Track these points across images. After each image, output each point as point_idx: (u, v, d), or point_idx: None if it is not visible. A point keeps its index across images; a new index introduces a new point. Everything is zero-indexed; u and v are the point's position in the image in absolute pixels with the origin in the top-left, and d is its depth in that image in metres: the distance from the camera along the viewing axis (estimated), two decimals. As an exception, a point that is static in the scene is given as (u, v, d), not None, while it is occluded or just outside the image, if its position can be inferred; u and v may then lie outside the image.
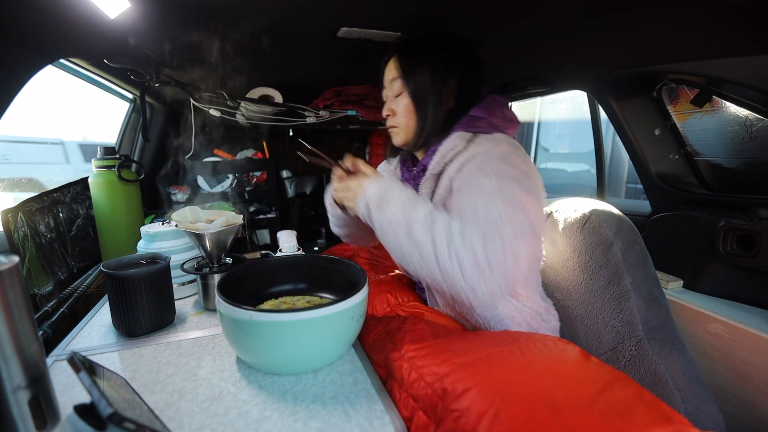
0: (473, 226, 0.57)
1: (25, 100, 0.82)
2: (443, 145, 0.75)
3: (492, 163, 0.65)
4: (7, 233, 0.81)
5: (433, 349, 0.56)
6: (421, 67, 0.76)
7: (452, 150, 0.73)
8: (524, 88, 1.40)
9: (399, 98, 0.80)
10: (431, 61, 0.76)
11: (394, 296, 0.83)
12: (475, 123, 0.75)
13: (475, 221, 0.57)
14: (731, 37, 0.75)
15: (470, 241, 0.55)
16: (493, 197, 0.59)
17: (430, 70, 0.76)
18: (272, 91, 1.44)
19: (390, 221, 0.63)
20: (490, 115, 0.77)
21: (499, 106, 0.78)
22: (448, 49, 0.77)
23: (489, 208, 0.58)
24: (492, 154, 0.68)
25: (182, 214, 0.81)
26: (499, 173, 0.63)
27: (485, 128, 0.75)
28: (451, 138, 0.75)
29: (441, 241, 0.56)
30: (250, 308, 0.54)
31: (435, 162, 0.76)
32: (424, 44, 0.79)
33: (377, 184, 0.68)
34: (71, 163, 3.29)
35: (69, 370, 0.58)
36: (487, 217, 0.57)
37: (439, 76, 0.76)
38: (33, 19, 0.72)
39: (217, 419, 0.49)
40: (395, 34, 0.99)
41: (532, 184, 0.66)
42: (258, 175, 1.68)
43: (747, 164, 0.96)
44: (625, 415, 0.42)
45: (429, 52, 0.77)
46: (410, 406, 0.52)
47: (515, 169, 0.65)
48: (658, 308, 0.80)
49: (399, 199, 0.64)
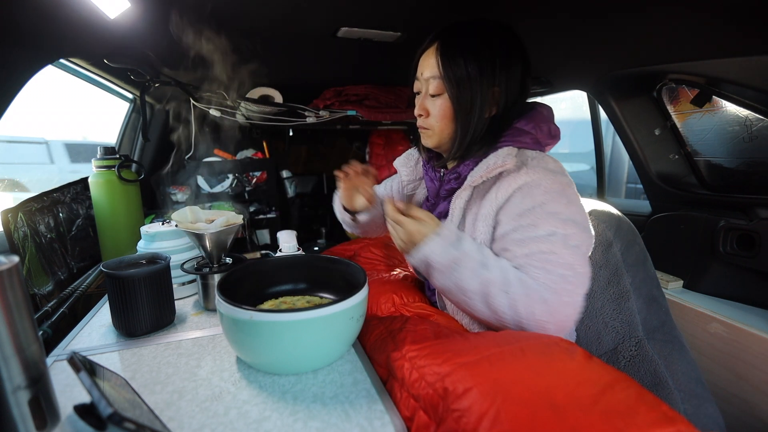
0: (550, 287, 0.60)
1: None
2: (490, 159, 0.69)
3: (552, 204, 0.64)
4: (7, 233, 0.81)
5: (435, 349, 0.56)
6: (467, 65, 0.67)
7: (500, 167, 0.68)
8: (524, 88, 1.40)
9: (436, 99, 0.72)
10: (478, 57, 0.67)
11: (399, 296, 0.82)
12: (521, 137, 0.71)
13: (549, 281, 0.60)
14: (731, 37, 0.75)
15: (551, 304, 0.60)
16: (564, 249, 0.62)
17: (478, 68, 0.67)
18: (272, 91, 1.44)
19: (459, 287, 0.63)
20: (536, 130, 0.71)
21: (546, 121, 0.73)
22: (495, 41, 0.68)
23: (557, 261, 0.61)
24: (548, 188, 0.65)
25: (182, 214, 0.81)
26: (561, 216, 0.63)
27: (531, 144, 0.71)
28: (501, 153, 0.69)
29: (521, 303, 0.60)
30: (250, 308, 0.54)
31: (478, 175, 0.69)
32: (468, 37, 0.68)
33: (441, 244, 0.63)
34: (56, 163, 3.12)
35: (69, 370, 0.58)
36: (560, 275, 0.61)
37: (488, 80, 0.68)
38: (33, 19, 0.71)
39: (217, 419, 0.49)
40: (395, 34, 0.99)
41: (585, 218, 0.67)
42: (258, 175, 1.68)
43: (747, 164, 0.96)
44: (626, 416, 0.41)
45: (476, 47, 0.68)
46: (411, 406, 0.52)
47: (571, 206, 0.65)
48: (657, 308, 0.80)
49: (469, 263, 0.62)
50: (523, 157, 0.70)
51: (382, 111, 1.59)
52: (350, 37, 1.00)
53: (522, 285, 0.61)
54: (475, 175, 0.70)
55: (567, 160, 3.43)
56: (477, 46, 0.68)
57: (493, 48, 0.68)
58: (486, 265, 0.63)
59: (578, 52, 1.04)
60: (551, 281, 0.60)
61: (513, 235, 0.65)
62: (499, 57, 0.68)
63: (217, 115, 1.30)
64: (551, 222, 0.63)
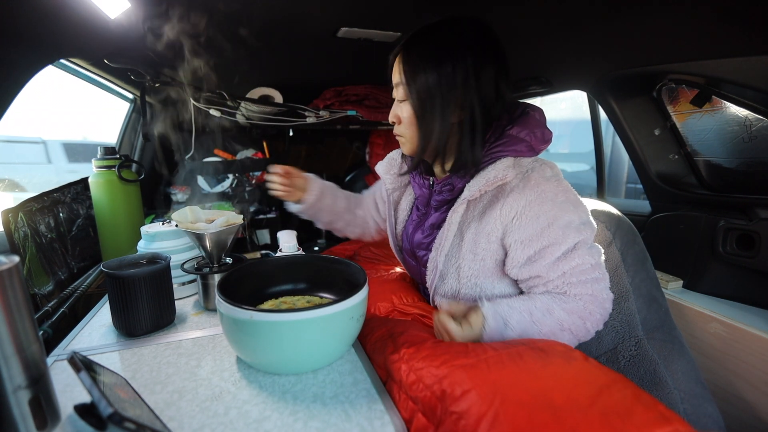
0: (590, 295, 0.66)
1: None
2: (489, 172, 0.67)
3: (565, 216, 0.65)
4: (7, 233, 0.81)
5: (432, 351, 0.56)
6: (426, 71, 0.65)
7: (501, 181, 0.66)
8: (524, 88, 1.40)
9: (403, 105, 0.70)
10: (438, 62, 0.64)
11: (398, 296, 0.82)
12: (516, 146, 0.69)
13: (587, 290, 0.66)
14: (731, 37, 0.75)
15: (597, 310, 0.66)
16: (587, 255, 0.66)
17: (437, 74, 0.64)
18: (272, 91, 1.44)
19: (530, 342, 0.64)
20: (531, 136, 0.69)
21: (539, 125, 0.71)
22: (460, 44, 0.65)
23: (586, 269, 0.66)
24: (556, 199, 0.65)
25: (182, 214, 0.81)
26: (574, 224, 0.66)
27: (525, 152, 0.69)
28: (499, 166, 0.67)
29: (578, 327, 0.65)
30: (250, 308, 0.54)
31: (476, 188, 0.67)
32: (430, 39, 0.66)
33: (495, 338, 0.63)
34: (53, 163, 3.07)
35: (69, 369, 0.58)
36: (593, 279, 0.66)
37: (448, 80, 0.64)
38: (33, 19, 0.72)
39: (217, 419, 0.49)
40: (395, 34, 0.99)
41: (587, 212, 0.70)
42: (258, 175, 1.68)
43: (747, 164, 0.96)
44: (623, 416, 0.42)
45: (436, 49, 0.65)
46: (410, 408, 0.52)
47: (578, 208, 0.67)
48: (657, 308, 0.80)
49: (525, 330, 0.64)
50: (522, 169, 0.68)
51: (382, 111, 1.59)
52: (350, 37, 1.00)
53: (569, 313, 0.65)
54: (473, 188, 0.68)
55: (567, 160, 3.43)
56: (438, 51, 0.65)
57: (457, 52, 0.64)
58: (538, 322, 0.64)
59: (578, 52, 1.04)
60: (589, 289, 0.66)
61: (541, 261, 0.66)
62: (464, 61, 0.64)
63: (217, 115, 1.30)
64: (570, 235, 0.65)
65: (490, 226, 0.68)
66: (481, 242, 0.69)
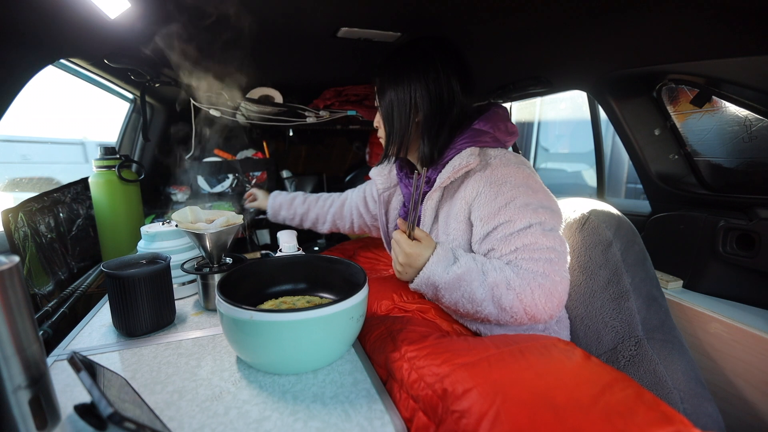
0: (541, 272, 0.67)
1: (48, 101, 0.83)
2: (455, 160, 0.76)
3: (522, 197, 0.70)
4: (7, 233, 0.81)
5: (434, 350, 0.56)
6: (389, 85, 0.80)
7: (465, 167, 0.75)
8: (524, 88, 1.40)
9: (378, 112, 0.86)
10: (397, 79, 0.79)
11: (398, 294, 0.83)
12: (480, 137, 0.78)
13: (539, 267, 0.67)
14: (731, 37, 0.75)
15: (546, 287, 0.66)
16: (542, 236, 0.68)
17: (396, 88, 0.80)
18: (272, 91, 1.44)
19: (470, 298, 0.68)
20: (494, 129, 0.79)
21: (503, 120, 0.81)
22: (416, 62, 0.79)
23: (540, 248, 0.68)
24: (515, 182, 0.72)
25: (182, 214, 0.81)
26: (531, 206, 0.70)
27: (490, 143, 0.78)
28: (464, 154, 0.76)
29: (524, 293, 0.65)
30: (250, 308, 0.54)
31: (445, 176, 0.76)
32: (394, 61, 0.82)
33: (442, 265, 0.68)
34: (90, 162, 3.31)
35: (69, 369, 0.58)
36: (546, 259, 0.67)
37: (404, 91, 0.79)
38: (33, 19, 0.72)
39: (217, 419, 0.49)
40: (395, 34, 0.99)
41: (552, 200, 0.75)
42: (258, 175, 1.68)
43: (746, 164, 0.96)
44: (625, 416, 0.42)
45: (396, 68, 0.80)
46: (410, 407, 0.52)
47: (538, 193, 0.72)
48: (657, 308, 0.80)
49: (473, 275, 0.67)
50: (486, 156, 0.77)
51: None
52: (350, 38, 1.00)
53: (519, 277, 0.66)
54: (443, 176, 0.77)
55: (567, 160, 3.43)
56: (397, 71, 0.80)
57: (411, 70, 0.79)
58: (486, 271, 0.67)
59: (578, 52, 1.04)
60: (540, 267, 0.67)
61: (495, 234, 0.71)
62: (417, 76, 0.78)
63: (217, 115, 1.30)
64: (526, 214, 0.69)
65: (457, 207, 0.77)
66: (452, 222, 0.78)
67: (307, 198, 1.26)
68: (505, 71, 1.33)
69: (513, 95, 1.50)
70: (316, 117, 1.44)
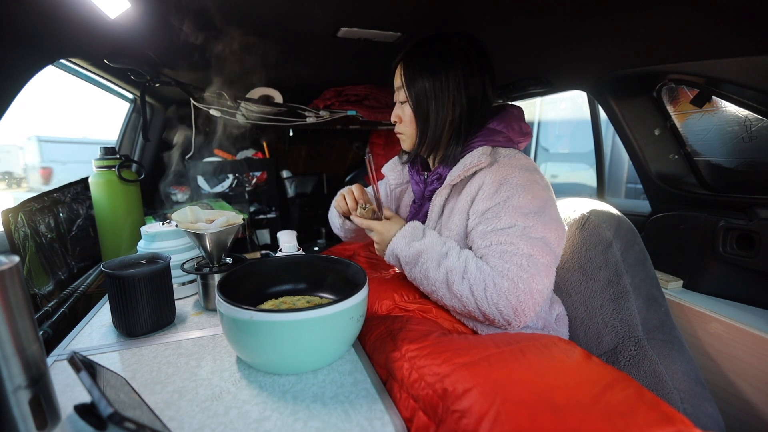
0: (505, 274, 0.64)
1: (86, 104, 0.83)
2: (466, 159, 0.76)
3: (517, 198, 0.70)
4: (7, 233, 0.81)
5: (434, 349, 0.56)
6: (423, 77, 0.75)
7: (476, 166, 0.74)
8: (524, 88, 1.40)
9: (404, 106, 0.81)
10: (433, 71, 0.75)
11: (399, 294, 0.83)
12: (494, 136, 0.77)
13: (505, 269, 0.65)
14: (731, 37, 0.75)
15: (503, 289, 0.63)
16: (521, 240, 0.66)
17: (432, 80, 0.75)
18: (272, 91, 1.44)
19: (426, 276, 0.70)
20: (508, 129, 0.79)
21: (516, 120, 0.81)
22: (453, 56, 0.75)
23: (514, 252, 0.66)
24: (515, 183, 0.71)
25: (182, 214, 0.81)
26: (523, 210, 0.69)
27: (503, 142, 0.78)
28: (475, 153, 0.75)
29: (477, 286, 0.65)
30: (250, 308, 0.54)
31: (456, 174, 0.76)
32: (427, 50, 0.77)
33: (405, 239, 0.72)
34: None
35: (69, 369, 0.58)
36: (516, 264, 0.65)
37: (442, 86, 0.75)
38: (33, 19, 0.72)
39: (217, 419, 0.49)
40: (395, 34, 0.99)
41: (554, 208, 0.73)
42: (258, 175, 1.68)
43: (746, 164, 0.96)
44: (626, 416, 0.42)
45: (432, 59, 0.76)
46: (410, 407, 0.52)
47: (536, 200, 0.70)
48: (657, 308, 0.80)
49: (432, 255, 0.69)
50: (497, 155, 0.77)
51: (382, 111, 1.59)
52: (350, 38, 1.00)
53: (478, 270, 0.66)
54: (454, 174, 0.77)
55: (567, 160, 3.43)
56: (433, 55, 0.76)
57: (450, 63, 0.75)
58: (447, 255, 0.68)
59: (578, 52, 1.04)
60: (506, 269, 0.65)
61: (478, 228, 0.72)
62: (455, 71, 0.75)
63: (217, 115, 1.30)
64: (512, 215, 0.68)
65: (462, 202, 0.77)
66: (455, 217, 0.78)
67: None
68: (505, 71, 1.33)
69: (513, 95, 1.50)
70: (316, 117, 1.44)
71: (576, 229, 0.90)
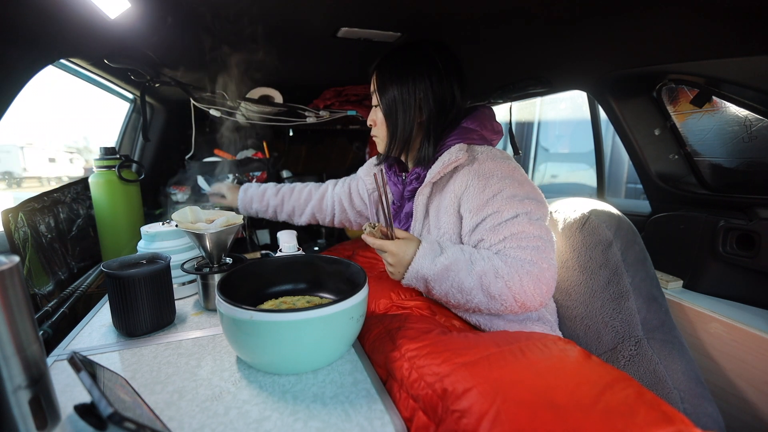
0: (530, 260, 0.68)
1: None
2: (444, 156, 0.78)
3: (508, 189, 0.73)
4: (7, 233, 0.81)
5: (434, 348, 0.56)
6: (392, 83, 0.81)
7: (455, 162, 0.77)
8: (524, 88, 1.40)
9: (377, 110, 0.86)
10: (401, 78, 0.80)
11: (396, 293, 0.83)
12: (468, 134, 0.81)
13: (528, 255, 0.68)
14: (731, 37, 0.75)
15: (535, 275, 0.67)
16: (529, 225, 0.70)
17: (400, 86, 0.80)
18: (272, 91, 1.44)
19: (459, 288, 0.69)
20: (481, 127, 0.83)
21: (489, 119, 0.85)
22: (421, 64, 0.80)
23: (527, 236, 0.69)
24: (501, 175, 0.75)
25: (182, 214, 0.81)
26: (518, 197, 0.73)
27: (477, 140, 0.82)
28: (452, 150, 0.78)
29: (513, 281, 0.66)
30: (250, 308, 0.54)
31: (435, 171, 0.79)
32: (397, 59, 0.82)
33: (429, 257, 0.69)
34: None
35: (69, 369, 0.58)
36: (534, 247, 0.69)
37: (409, 91, 0.80)
38: (33, 19, 0.71)
39: (217, 419, 0.49)
40: (395, 34, 0.99)
41: (537, 192, 0.77)
42: (258, 175, 1.68)
43: (746, 164, 0.96)
44: (626, 416, 0.42)
45: (401, 67, 0.81)
46: (410, 407, 0.52)
47: (524, 185, 0.75)
48: (657, 308, 0.80)
49: (460, 265, 0.68)
50: (474, 152, 0.81)
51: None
52: (350, 37, 1.00)
53: (507, 265, 0.68)
54: (434, 171, 0.79)
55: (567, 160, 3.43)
56: (402, 69, 0.81)
57: (417, 71, 0.80)
58: (473, 261, 0.69)
59: (578, 52, 1.04)
60: (528, 255, 0.68)
61: (484, 225, 0.73)
62: (422, 77, 0.79)
63: (217, 115, 1.30)
64: (512, 205, 0.72)
65: (447, 200, 0.79)
66: (442, 216, 0.80)
67: (280, 189, 1.22)
68: (505, 71, 1.34)
69: (513, 95, 1.50)
70: (316, 117, 1.44)
71: (576, 229, 0.90)
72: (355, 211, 1.14)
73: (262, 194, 1.21)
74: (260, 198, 1.21)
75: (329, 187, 1.19)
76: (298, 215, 1.21)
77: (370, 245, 0.73)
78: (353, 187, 1.13)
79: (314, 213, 1.19)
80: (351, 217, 1.16)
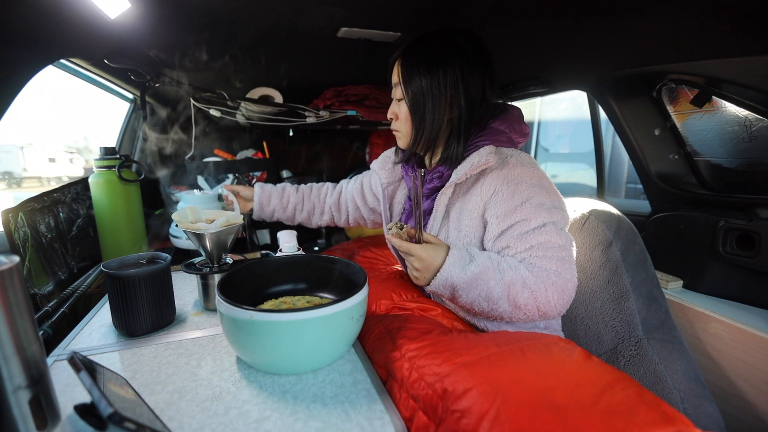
0: (555, 271, 0.67)
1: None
2: (473, 157, 0.74)
3: (537, 197, 0.71)
4: (7, 233, 0.81)
5: (434, 348, 0.56)
6: (420, 75, 0.74)
7: (484, 165, 0.74)
8: (524, 88, 1.40)
9: (401, 103, 0.80)
10: (430, 68, 0.73)
11: (397, 293, 0.82)
12: (498, 136, 0.78)
13: (554, 266, 0.68)
14: (730, 37, 0.75)
15: (560, 285, 0.67)
16: (556, 235, 0.69)
17: (429, 77, 0.74)
18: (272, 91, 1.44)
19: (486, 297, 0.67)
20: (510, 129, 0.79)
21: (518, 121, 0.82)
22: (452, 54, 0.73)
23: (553, 246, 0.69)
24: (530, 182, 0.72)
25: (182, 214, 0.81)
26: (546, 206, 0.71)
27: (506, 143, 0.79)
28: (483, 152, 0.74)
29: (539, 292, 0.66)
30: (250, 308, 0.54)
31: (462, 172, 0.75)
32: (425, 47, 0.75)
33: (459, 265, 0.66)
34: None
35: (69, 369, 0.58)
36: (558, 258, 0.68)
37: (439, 84, 0.73)
38: (33, 19, 0.71)
39: (217, 419, 0.49)
40: (395, 34, 0.99)
41: (561, 200, 0.76)
42: (258, 175, 1.68)
43: (746, 164, 0.96)
44: (626, 416, 0.42)
45: (430, 56, 0.74)
46: (410, 407, 0.52)
47: (551, 194, 0.74)
48: (657, 308, 0.80)
49: (489, 273, 0.66)
50: (502, 155, 0.77)
51: (382, 111, 1.59)
52: (350, 37, 1.00)
53: (534, 275, 0.67)
54: (460, 172, 0.75)
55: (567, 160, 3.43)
56: (431, 58, 0.74)
57: (449, 61, 0.73)
58: (502, 270, 0.67)
59: (578, 52, 1.04)
60: (554, 265, 0.68)
61: (511, 232, 0.71)
62: (453, 69, 0.73)
63: (217, 115, 1.30)
64: (541, 214, 0.70)
65: (472, 203, 0.76)
66: (465, 219, 0.77)
67: (299, 187, 1.15)
68: (505, 71, 1.34)
69: (513, 95, 1.50)
70: (316, 117, 1.44)
71: (576, 229, 0.90)
72: (368, 208, 1.09)
73: (282, 191, 1.13)
74: (280, 195, 1.12)
75: (344, 185, 1.15)
76: (318, 214, 1.14)
77: (396, 247, 0.69)
78: (365, 183, 1.08)
79: (332, 212, 1.13)
80: (365, 214, 1.11)
